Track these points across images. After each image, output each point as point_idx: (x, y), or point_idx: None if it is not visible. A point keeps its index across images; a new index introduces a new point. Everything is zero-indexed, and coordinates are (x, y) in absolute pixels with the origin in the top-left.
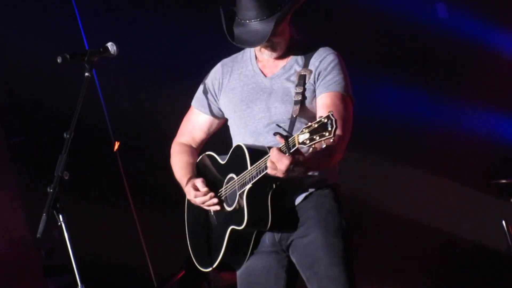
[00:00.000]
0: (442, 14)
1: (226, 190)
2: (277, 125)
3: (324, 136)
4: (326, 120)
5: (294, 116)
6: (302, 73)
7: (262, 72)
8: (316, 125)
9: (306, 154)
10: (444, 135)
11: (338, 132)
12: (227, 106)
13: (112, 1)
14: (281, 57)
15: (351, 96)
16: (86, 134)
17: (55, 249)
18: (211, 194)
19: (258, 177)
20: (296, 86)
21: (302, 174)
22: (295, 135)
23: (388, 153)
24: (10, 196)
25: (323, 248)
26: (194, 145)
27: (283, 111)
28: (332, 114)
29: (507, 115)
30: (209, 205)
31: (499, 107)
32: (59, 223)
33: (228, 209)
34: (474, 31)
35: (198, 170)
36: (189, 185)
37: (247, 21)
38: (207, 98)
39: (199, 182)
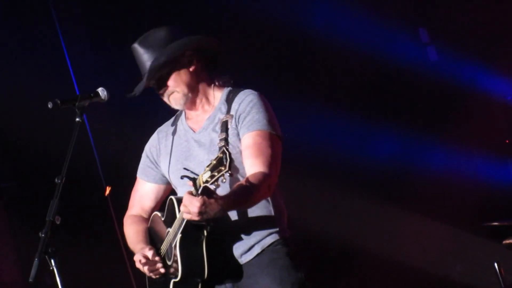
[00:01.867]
0: (433, 57)
1: (165, 245)
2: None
3: (221, 171)
4: (222, 155)
5: (229, 174)
6: (224, 120)
7: (191, 129)
8: (215, 162)
9: (225, 193)
10: (435, 178)
11: (261, 169)
12: (166, 170)
13: (101, 44)
14: (206, 109)
15: (277, 132)
16: (78, 179)
17: None
18: (156, 261)
19: (183, 225)
20: (220, 133)
21: (219, 213)
22: (199, 175)
23: (380, 196)
24: (1, 240)
25: None
26: (144, 215)
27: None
28: (226, 149)
29: (499, 158)
30: (154, 274)
31: (491, 150)
32: (51, 268)
33: (169, 263)
34: (464, 74)
35: (150, 234)
36: (138, 254)
37: (144, 74)
38: (149, 167)
39: (147, 250)
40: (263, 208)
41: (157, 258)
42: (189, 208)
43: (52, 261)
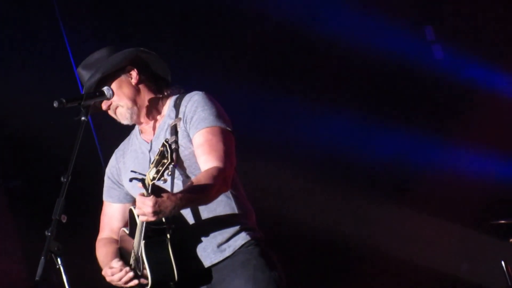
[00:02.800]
0: (438, 55)
1: (133, 257)
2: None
3: (165, 164)
4: (163, 148)
5: (172, 165)
6: (173, 124)
7: (145, 141)
8: (158, 157)
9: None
10: (442, 176)
11: (214, 164)
12: (128, 186)
13: (107, 42)
14: (157, 119)
15: (227, 125)
16: (83, 178)
17: None
18: (126, 268)
19: (143, 230)
20: (170, 137)
21: (174, 210)
22: (146, 174)
23: (386, 195)
24: (8, 239)
25: None
26: (115, 236)
27: None
28: (166, 141)
29: (505, 156)
30: (125, 281)
31: (497, 148)
32: (57, 266)
33: (139, 273)
34: (470, 72)
35: (121, 253)
36: (105, 268)
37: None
38: (112, 188)
39: (114, 261)
40: (225, 205)
41: (127, 268)
42: (143, 210)
43: (59, 259)
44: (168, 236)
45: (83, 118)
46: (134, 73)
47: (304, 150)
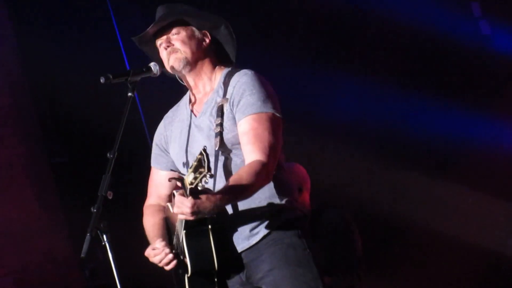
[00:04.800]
0: (485, 31)
1: (177, 241)
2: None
3: (202, 173)
4: (200, 157)
5: (216, 149)
6: (220, 104)
7: (193, 113)
8: (195, 163)
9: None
10: (488, 152)
11: (257, 157)
12: (174, 158)
13: (153, 19)
14: (207, 91)
15: (274, 109)
16: (129, 154)
17: (99, 269)
18: (166, 251)
19: (183, 223)
20: (216, 118)
21: (213, 210)
22: (185, 177)
23: (432, 171)
24: (53, 216)
25: (291, 280)
26: (162, 203)
27: (209, 147)
28: (203, 150)
29: None
30: (166, 263)
31: None
32: (103, 243)
33: (182, 258)
34: None
35: (167, 225)
36: (148, 248)
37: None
38: (159, 155)
39: (157, 242)
40: (264, 188)
41: (167, 249)
42: (182, 209)
43: (104, 236)
44: (210, 226)
45: (129, 94)
46: (207, 40)
47: (349, 125)
